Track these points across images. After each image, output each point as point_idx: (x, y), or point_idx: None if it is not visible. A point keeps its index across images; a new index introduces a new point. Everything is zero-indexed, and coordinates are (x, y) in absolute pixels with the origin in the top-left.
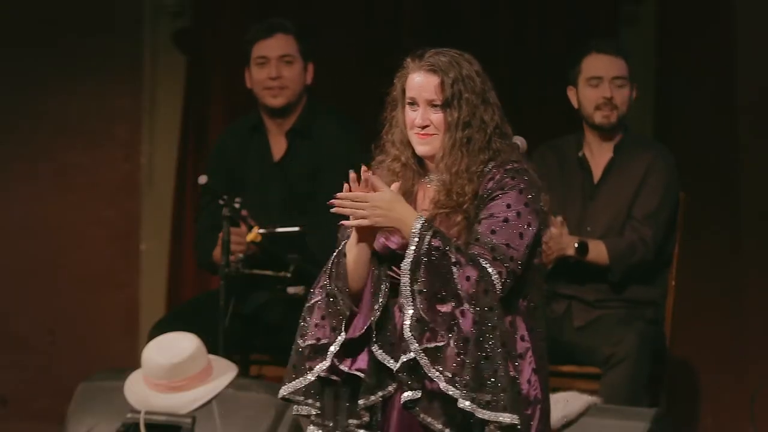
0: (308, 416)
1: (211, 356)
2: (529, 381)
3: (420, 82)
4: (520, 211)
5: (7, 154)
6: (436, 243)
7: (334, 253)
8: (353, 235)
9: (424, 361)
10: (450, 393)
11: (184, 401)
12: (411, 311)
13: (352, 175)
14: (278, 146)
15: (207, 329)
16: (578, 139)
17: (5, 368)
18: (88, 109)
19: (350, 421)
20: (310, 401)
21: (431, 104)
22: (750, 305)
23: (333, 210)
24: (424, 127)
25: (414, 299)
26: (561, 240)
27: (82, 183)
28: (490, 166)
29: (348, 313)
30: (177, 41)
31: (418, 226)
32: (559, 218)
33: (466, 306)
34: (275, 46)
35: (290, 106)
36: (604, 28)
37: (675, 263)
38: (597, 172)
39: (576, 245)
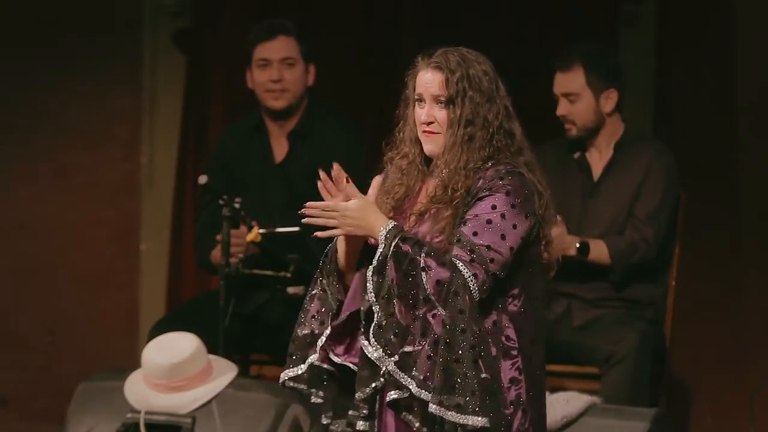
0: (320, 405)
1: (211, 356)
2: (512, 380)
3: (427, 78)
4: (505, 212)
5: (7, 154)
6: (405, 248)
7: (328, 248)
8: (340, 240)
9: (392, 367)
10: (422, 396)
11: (184, 401)
12: (375, 318)
13: (322, 174)
14: (280, 148)
15: (207, 329)
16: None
17: (5, 368)
18: (88, 109)
19: (351, 412)
20: (314, 391)
21: (437, 100)
22: (750, 305)
23: (304, 221)
24: (429, 124)
25: (378, 305)
26: (562, 240)
27: (82, 183)
28: (488, 165)
29: (335, 307)
30: (177, 41)
31: (384, 232)
32: (558, 217)
33: (437, 309)
34: (277, 49)
35: (292, 109)
36: (604, 28)
37: (675, 263)
38: (597, 171)
39: (577, 245)
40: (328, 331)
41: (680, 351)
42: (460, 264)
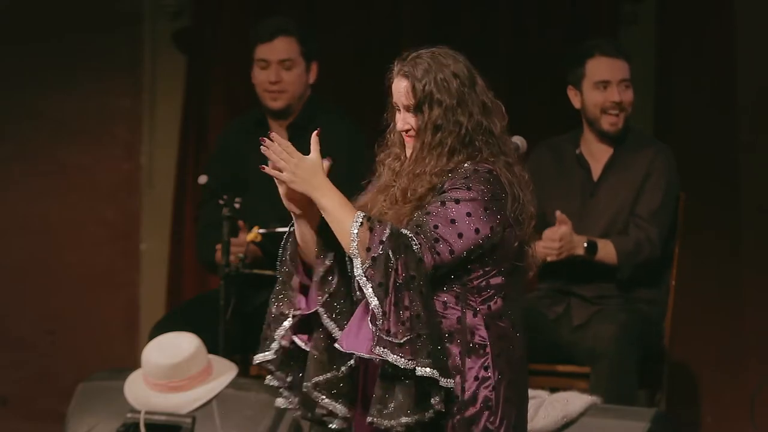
0: (278, 388)
1: (211, 356)
2: (481, 379)
3: (398, 87)
4: (471, 212)
5: (7, 154)
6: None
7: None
8: (297, 226)
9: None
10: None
11: (184, 401)
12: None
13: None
14: None
15: (207, 329)
16: (575, 136)
17: (5, 368)
18: (88, 109)
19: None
20: (279, 373)
21: (407, 109)
22: (750, 305)
23: (262, 148)
24: (407, 131)
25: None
26: (571, 239)
27: (82, 183)
28: (466, 165)
29: (299, 290)
30: (177, 41)
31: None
32: (564, 217)
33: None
34: (276, 50)
35: (291, 108)
36: (604, 28)
37: (675, 263)
38: (596, 170)
39: (585, 245)
40: (290, 320)
41: (680, 351)
42: (415, 244)
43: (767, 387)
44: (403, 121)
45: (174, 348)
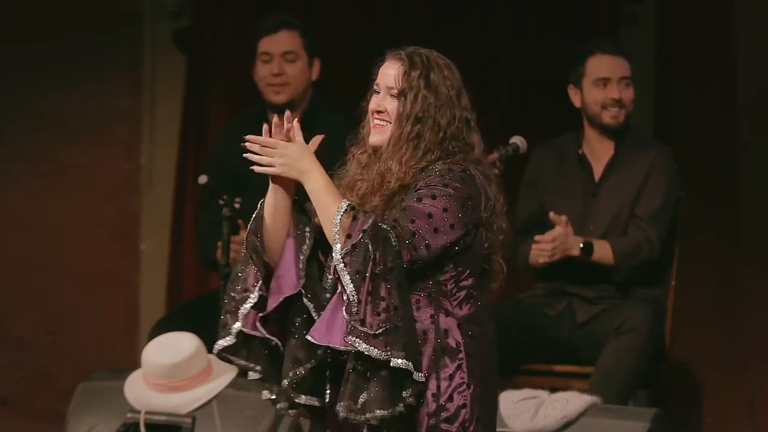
0: (257, 380)
1: (211, 356)
2: (457, 386)
3: (387, 69)
4: (447, 207)
5: (7, 154)
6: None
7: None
8: (270, 195)
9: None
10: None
11: (184, 401)
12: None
13: (275, 120)
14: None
15: (207, 329)
16: (577, 136)
17: (5, 368)
18: (88, 109)
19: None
20: (248, 364)
21: (390, 92)
22: (749, 305)
23: (245, 147)
24: (378, 113)
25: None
26: (566, 240)
27: (82, 183)
28: (439, 164)
29: (263, 272)
30: (177, 41)
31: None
32: (563, 217)
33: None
34: (279, 43)
35: (293, 103)
36: (604, 28)
37: (675, 263)
38: (598, 170)
39: (581, 245)
40: (254, 297)
41: (680, 351)
42: (393, 238)
43: (767, 387)
44: (378, 102)
45: (174, 348)
